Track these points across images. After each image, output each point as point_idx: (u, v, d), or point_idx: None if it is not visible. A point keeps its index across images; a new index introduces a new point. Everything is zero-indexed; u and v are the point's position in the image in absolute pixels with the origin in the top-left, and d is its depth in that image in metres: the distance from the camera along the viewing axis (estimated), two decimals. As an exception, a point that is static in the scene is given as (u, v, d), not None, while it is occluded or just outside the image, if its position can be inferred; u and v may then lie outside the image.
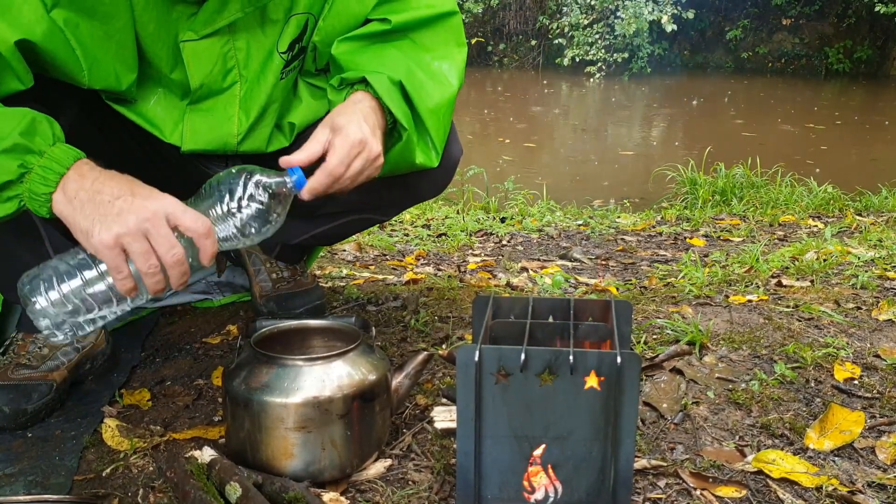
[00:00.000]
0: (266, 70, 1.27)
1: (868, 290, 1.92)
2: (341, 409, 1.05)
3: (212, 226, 0.98)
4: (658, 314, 1.71)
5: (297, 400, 1.03)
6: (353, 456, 1.09)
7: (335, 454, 1.07)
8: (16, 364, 1.32)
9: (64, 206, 0.97)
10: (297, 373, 1.05)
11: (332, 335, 1.23)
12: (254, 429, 1.05)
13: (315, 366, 1.06)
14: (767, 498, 1.08)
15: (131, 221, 0.94)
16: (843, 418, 1.26)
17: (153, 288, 0.98)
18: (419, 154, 1.27)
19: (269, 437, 1.05)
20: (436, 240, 2.86)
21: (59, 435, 1.24)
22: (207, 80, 1.23)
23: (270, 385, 1.04)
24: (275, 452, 1.05)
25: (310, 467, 1.06)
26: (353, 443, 1.08)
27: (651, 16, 12.18)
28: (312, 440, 1.05)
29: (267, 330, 1.18)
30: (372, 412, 1.10)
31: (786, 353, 1.51)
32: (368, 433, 1.10)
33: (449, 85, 1.29)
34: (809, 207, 3.47)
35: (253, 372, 1.07)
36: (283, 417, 1.04)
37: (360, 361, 1.10)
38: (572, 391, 0.95)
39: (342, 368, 1.07)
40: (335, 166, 1.13)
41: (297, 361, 1.07)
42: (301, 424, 1.04)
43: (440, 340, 1.59)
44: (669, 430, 1.25)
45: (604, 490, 0.98)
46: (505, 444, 0.98)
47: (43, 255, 1.27)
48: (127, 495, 1.08)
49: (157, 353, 1.58)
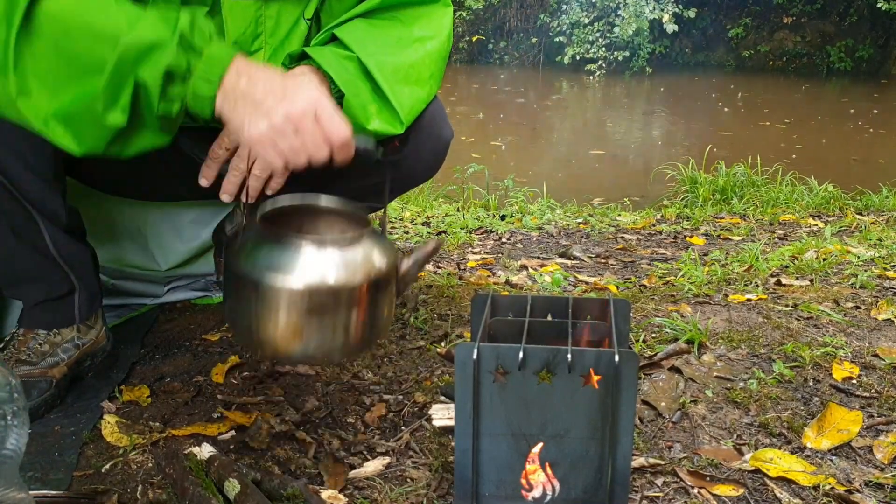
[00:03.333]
0: (291, 37, 1.28)
1: (867, 290, 1.92)
2: (351, 294, 1.01)
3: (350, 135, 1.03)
4: (657, 313, 1.72)
5: (308, 282, 0.98)
6: (359, 341, 1.05)
7: (342, 338, 1.03)
8: (16, 360, 1.33)
9: (223, 104, 0.99)
10: (309, 254, 1.00)
11: (341, 218, 1.18)
12: (261, 310, 1.00)
13: (328, 248, 1.01)
14: (765, 497, 1.08)
15: (279, 120, 0.97)
16: (841, 417, 1.26)
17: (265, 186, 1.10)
18: (375, 120, 1.26)
19: (277, 319, 1.00)
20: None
21: (59, 431, 1.25)
22: (240, 40, 1.24)
23: (281, 266, 0.99)
24: (283, 335, 1.01)
25: (317, 351, 1.03)
26: (361, 328, 1.04)
27: (652, 14, 12.16)
28: (321, 324, 1.01)
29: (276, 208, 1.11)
30: (381, 298, 1.05)
31: (784, 352, 1.51)
32: (376, 318, 1.06)
33: (414, 46, 1.27)
34: (810, 206, 3.47)
35: (262, 251, 1.01)
36: (294, 300, 0.99)
37: (371, 246, 1.05)
38: (570, 389, 0.95)
39: (355, 252, 1.02)
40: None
41: (309, 243, 1.01)
42: (311, 308, 0.99)
43: (439, 338, 1.59)
44: (667, 429, 1.25)
45: (601, 488, 0.98)
46: (503, 441, 0.98)
47: (42, 251, 1.28)
48: (126, 491, 1.08)
49: (157, 349, 1.58)
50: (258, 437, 1.21)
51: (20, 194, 1.21)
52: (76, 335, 1.38)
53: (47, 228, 1.26)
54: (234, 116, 0.99)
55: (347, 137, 1.02)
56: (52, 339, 1.36)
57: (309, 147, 1.00)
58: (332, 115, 1.01)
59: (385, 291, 1.06)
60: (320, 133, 1.00)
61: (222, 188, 1.19)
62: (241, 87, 0.99)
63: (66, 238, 1.30)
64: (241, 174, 1.16)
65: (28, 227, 1.25)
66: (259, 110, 0.98)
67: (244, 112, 0.98)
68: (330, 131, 1.00)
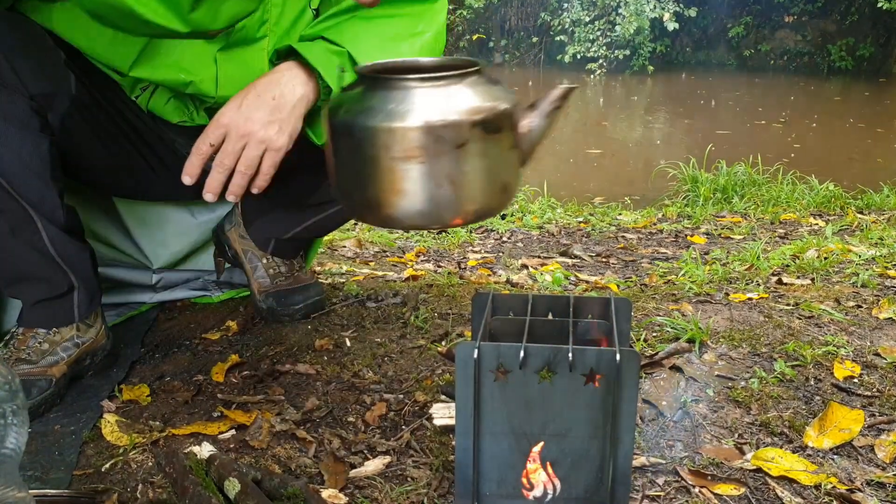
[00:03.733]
0: (297, 25, 1.27)
1: (868, 289, 1.92)
2: (458, 137, 0.87)
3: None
4: (658, 312, 1.71)
5: (405, 123, 0.86)
6: (474, 197, 0.91)
7: (451, 192, 0.89)
8: (15, 359, 1.32)
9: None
10: (407, 94, 0.88)
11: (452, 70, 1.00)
12: (356, 161, 0.90)
13: (428, 86, 0.89)
14: (766, 496, 1.08)
15: None
16: (843, 416, 1.26)
17: None
18: None
19: (374, 169, 0.89)
20: (436, 236, 2.85)
21: (59, 430, 1.25)
22: (247, 24, 1.22)
23: (375, 108, 0.88)
24: (381, 188, 0.89)
25: (422, 206, 0.90)
26: (474, 181, 0.90)
27: (653, 13, 12.15)
28: (424, 173, 0.88)
29: (378, 64, 1.00)
30: (496, 147, 0.91)
31: (785, 351, 1.51)
32: (492, 172, 0.92)
33: (409, 42, 1.26)
34: (811, 205, 3.47)
35: (356, 96, 0.91)
36: (388, 145, 0.87)
37: (481, 88, 0.91)
38: (571, 388, 0.95)
39: (460, 92, 0.89)
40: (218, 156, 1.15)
41: (408, 82, 0.89)
42: (409, 153, 0.87)
43: (440, 337, 1.59)
44: (668, 428, 1.25)
45: (602, 487, 0.98)
46: (503, 441, 0.98)
47: (40, 250, 1.28)
48: (126, 490, 1.08)
49: (157, 348, 1.58)
50: (258, 436, 1.21)
51: (18, 193, 1.21)
52: (76, 334, 1.38)
53: (45, 227, 1.26)
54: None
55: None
56: (52, 337, 1.35)
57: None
58: None
59: (499, 138, 0.90)
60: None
61: (206, 186, 1.17)
62: None
63: (64, 237, 1.30)
64: (226, 171, 1.15)
65: (26, 226, 1.24)
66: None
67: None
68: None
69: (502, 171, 0.93)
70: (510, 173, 0.94)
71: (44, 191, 1.24)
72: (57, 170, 1.26)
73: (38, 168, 1.21)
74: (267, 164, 1.21)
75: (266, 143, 1.19)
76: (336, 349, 1.53)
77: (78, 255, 1.34)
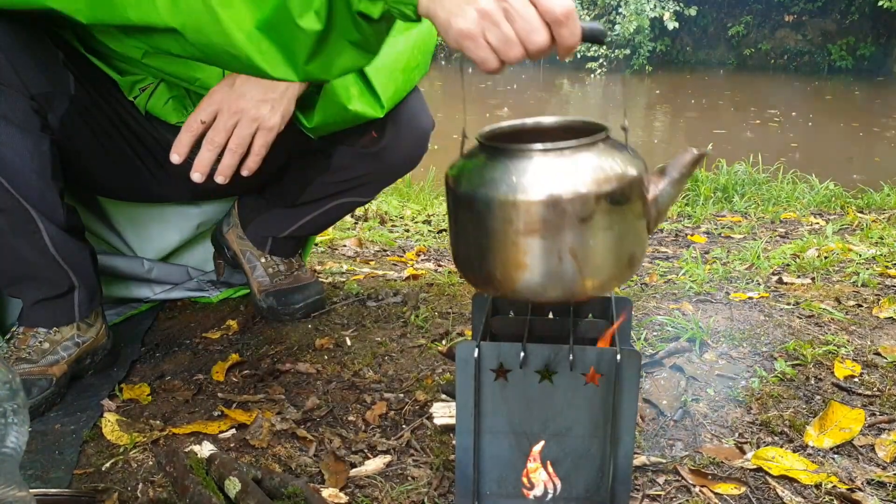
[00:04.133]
0: None
1: (869, 288, 1.92)
2: (583, 211, 0.84)
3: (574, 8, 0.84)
4: (658, 311, 1.71)
5: (529, 197, 0.84)
6: (599, 271, 0.88)
7: (575, 266, 0.86)
8: (16, 358, 1.32)
9: (427, 1, 0.86)
10: (530, 164, 0.85)
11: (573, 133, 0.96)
12: (478, 233, 0.88)
13: (552, 156, 0.86)
14: (766, 495, 1.08)
15: (486, 4, 0.82)
16: (843, 416, 1.26)
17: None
18: (356, 102, 1.25)
19: (496, 242, 0.87)
20: (436, 236, 2.85)
21: (59, 429, 1.25)
22: None
23: (497, 179, 0.85)
24: (503, 261, 0.87)
25: (545, 281, 0.87)
26: (600, 254, 0.87)
27: (653, 12, 12.16)
28: (547, 247, 0.85)
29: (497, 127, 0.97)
30: (623, 218, 0.87)
31: (786, 350, 1.51)
32: (618, 244, 0.88)
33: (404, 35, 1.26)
34: (811, 204, 3.46)
35: (477, 165, 0.89)
36: (510, 218, 0.85)
37: (608, 155, 0.87)
38: (572, 388, 0.95)
39: (586, 160, 0.86)
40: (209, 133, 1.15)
41: (531, 151, 0.86)
42: (533, 227, 0.85)
43: (440, 336, 1.59)
44: (669, 427, 1.25)
45: (603, 487, 0.98)
46: (504, 440, 0.98)
47: (41, 249, 1.28)
48: (126, 489, 1.08)
49: (157, 347, 1.58)
50: (259, 435, 1.21)
51: (19, 193, 1.21)
52: (76, 333, 1.38)
53: (46, 227, 1.26)
54: (439, 11, 0.85)
55: (570, 10, 0.83)
56: (52, 337, 1.35)
57: (523, 33, 0.83)
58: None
59: (626, 209, 0.87)
60: (535, 12, 0.83)
61: (194, 165, 1.16)
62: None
63: (64, 236, 1.30)
64: (217, 149, 1.14)
65: (27, 225, 1.24)
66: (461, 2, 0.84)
67: (450, 3, 0.84)
68: (547, 7, 0.83)
69: (628, 243, 0.89)
70: (637, 244, 0.91)
71: (44, 190, 1.24)
72: (57, 169, 1.26)
73: (38, 168, 1.21)
74: (258, 143, 1.21)
75: (258, 122, 1.19)
76: (336, 348, 1.53)
77: (78, 255, 1.34)
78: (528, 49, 0.84)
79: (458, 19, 0.83)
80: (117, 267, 1.66)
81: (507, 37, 0.83)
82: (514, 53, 0.84)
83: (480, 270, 0.90)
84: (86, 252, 1.37)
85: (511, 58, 0.85)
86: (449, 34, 0.85)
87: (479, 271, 0.90)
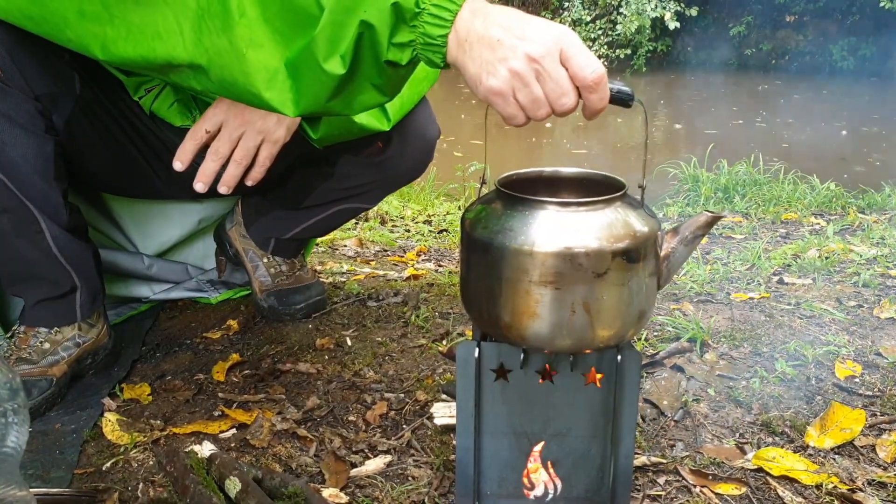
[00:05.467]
0: None
1: (870, 288, 1.92)
2: (598, 266, 0.86)
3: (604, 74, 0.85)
4: (659, 311, 1.71)
5: (546, 249, 0.86)
6: (609, 325, 0.90)
7: (586, 319, 0.88)
8: (17, 358, 1.32)
9: (457, 50, 0.85)
10: (549, 218, 0.88)
11: (590, 186, 1.02)
12: (491, 279, 0.90)
13: (570, 211, 0.88)
14: (767, 495, 1.08)
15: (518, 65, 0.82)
16: (844, 416, 1.26)
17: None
18: (364, 116, 1.24)
19: (509, 290, 0.88)
20: (437, 236, 2.85)
21: (59, 429, 1.25)
22: None
23: (515, 229, 0.88)
24: (514, 309, 0.89)
25: (554, 331, 0.89)
26: (611, 309, 0.89)
27: (654, 12, 12.15)
28: (560, 299, 0.87)
29: (514, 174, 0.99)
30: (636, 275, 0.90)
31: (787, 350, 1.50)
32: (630, 300, 0.90)
33: None
34: (812, 205, 3.46)
35: (495, 213, 0.91)
36: (526, 268, 0.87)
37: (625, 213, 0.90)
38: (572, 388, 0.95)
39: (603, 217, 0.88)
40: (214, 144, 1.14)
41: (550, 205, 0.89)
42: (547, 279, 0.86)
43: (440, 336, 1.59)
44: (669, 428, 1.25)
45: (603, 487, 0.98)
46: (504, 440, 0.98)
47: (43, 249, 1.28)
48: (127, 489, 1.08)
49: (158, 347, 1.58)
50: (259, 435, 1.21)
51: (22, 193, 1.21)
52: (77, 333, 1.38)
53: (49, 227, 1.26)
54: (469, 64, 0.84)
55: (601, 76, 0.83)
56: (54, 337, 1.35)
57: (553, 96, 0.83)
58: (580, 51, 0.83)
59: (639, 266, 0.90)
60: (566, 75, 0.83)
61: (198, 175, 1.16)
62: (476, 29, 0.84)
63: (67, 236, 1.30)
64: (221, 159, 1.13)
65: (30, 225, 1.24)
66: (496, 54, 0.83)
67: (480, 58, 0.83)
68: (578, 72, 0.83)
69: (639, 299, 0.91)
70: (647, 300, 0.93)
71: (48, 191, 1.24)
72: (61, 170, 1.26)
73: (42, 168, 1.21)
74: (263, 155, 1.20)
75: (264, 134, 1.18)
76: (337, 348, 1.53)
77: (81, 255, 1.34)
78: (555, 111, 0.85)
79: (490, 78, 0.83)
80: (118, 263, 1.66)
81: (537, 97, 0.83)
82: (541, 113, 0.85)
83: (489, 314, 0.91)
84: (88, 252, 1.37)
85: (538, 117, 0.86)
86: (479, 89, 0.85)
87: (488, 315, 0.92)
